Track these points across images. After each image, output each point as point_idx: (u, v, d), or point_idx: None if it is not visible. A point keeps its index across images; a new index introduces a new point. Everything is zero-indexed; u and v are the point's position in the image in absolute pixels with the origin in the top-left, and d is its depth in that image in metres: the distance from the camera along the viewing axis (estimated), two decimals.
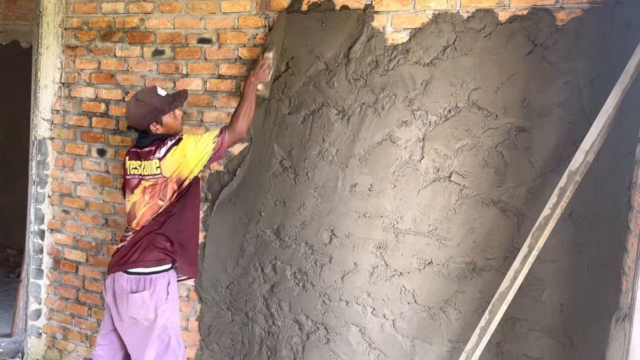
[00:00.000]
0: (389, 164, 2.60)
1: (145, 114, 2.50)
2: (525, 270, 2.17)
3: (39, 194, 3.44)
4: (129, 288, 2.45)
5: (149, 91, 2.56)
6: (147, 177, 2.51)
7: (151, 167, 2.49)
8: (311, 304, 2.78)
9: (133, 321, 2.46)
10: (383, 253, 2.63)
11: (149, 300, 2.43)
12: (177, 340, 2.52)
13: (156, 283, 2.45)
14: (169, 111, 2.55)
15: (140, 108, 2.51)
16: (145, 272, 2.46)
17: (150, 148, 2.51)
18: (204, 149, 2.48)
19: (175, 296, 2.52)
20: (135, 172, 2.56)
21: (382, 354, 2.64)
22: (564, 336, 2.30)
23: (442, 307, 2.52)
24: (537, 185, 2.32)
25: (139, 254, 2.47)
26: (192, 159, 2.47)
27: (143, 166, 2.52)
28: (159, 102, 2.52)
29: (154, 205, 2.51)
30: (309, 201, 2.77)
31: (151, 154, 2.49)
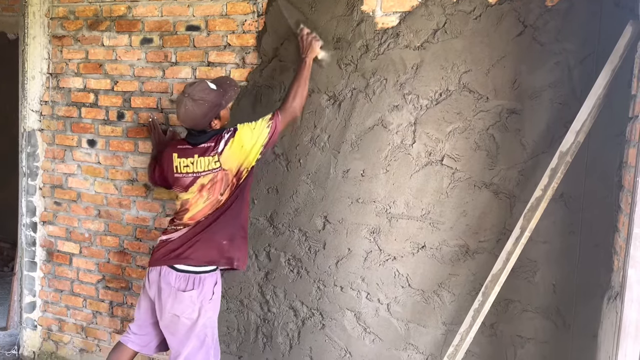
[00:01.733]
0: (381, 149, 2.59)
1: (206, 112, 2.39)
2: (518, 252, 2.18)
3: (30, 186, 3.41)
4: (177, 286, 2.40)
5: (203, 88, 2.40)
6: (203, 174, 2.43)
7: (209, 163, 2.42)
8: (306, 290, 2.79)
9: (175, 319, 2.42)
10: (376, 238, 2.64)
11: (196, 299, 2.40)
12: (213, 338, 2.51)
13: (204, 283, 2.42)
14: (225, 105, 2.47)
15: (200, 107, 2.37)
16: (195, 271, 2.42)
17: (209, 144, 2.43)
18: (259, 136, 2.41)
19: (219, 296, 2.50)
20: (187, 170, 2.46)
21: (377, 337, 2.65)
22: (557, 316, 2.32)
23: (435, 291, 2.53)
24: (529, 167, 2.33)
25: (193, 250, 2.43)
26: (250, 148, 2.41)
27: (198, 163, 2.44)
28: (215, 97, 2.40)
29: (214, 200, 2.45)
30: (302, 188, 2.77)
31: (210, 150, 2.42)
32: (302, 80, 2.50)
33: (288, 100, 2.47)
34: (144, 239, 3.14)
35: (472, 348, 2.38)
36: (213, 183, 2.44)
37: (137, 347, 2.61)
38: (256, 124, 2.43)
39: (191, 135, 2.49)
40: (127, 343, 2.61)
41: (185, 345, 2.44)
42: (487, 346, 2.44)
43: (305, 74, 2.51)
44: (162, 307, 2.45)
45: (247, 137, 2.41)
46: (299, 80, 2.50)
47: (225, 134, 2.43)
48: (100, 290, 3.30)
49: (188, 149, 2.48)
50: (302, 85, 2.49)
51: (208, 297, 2.43)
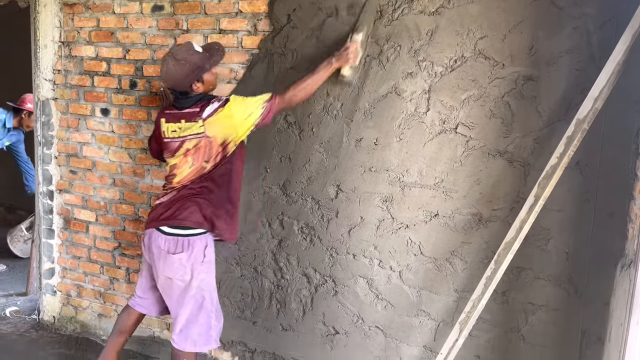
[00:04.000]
0: (395, 117, 2.57)
1: (187, 73, 2.39)
2: (532, 220, 2.17)
3: (46, 155, 3.45)
4: (166, 249, 2.43)
5: (186, 49, 2.42)
6: (189, 138, 2.44)
7: (194, 128, 2.42)
8: (319, 258, 2.82)
9: (169, 281, 2.47)
10: (389, 206, 2.64)
11: (186, 262, 2.42)
12: (211, 301, 2.53)
13: (194, 245, 2.43)
14: (209, 68, 2.46)
15: (181, 67, 2.38)
16: (183, 234, 2.44)
17: (194, 109, 2.43)
18: (252, 113, 2.40)
19: (211, 259, 2.52)
20: (174, 134, 2.48)
21: (389, 304, 2.69)
22: (569, 284, 2.33)
23: (448, 258, 2.55)
24: (544, 134, 2.30)
25: (179, 212, 2.44)
26: (239, 122, 2.41)
27: (184, 128, 2.45)
28: (199, 59, 2.41)
29: (199, 167, 2.47)
30: (315, 157, 2.77)
31: (195, 115, 2.42)
32: (316, 78, 2.46)
33: (292, 90, 2.45)
34: None
35: (484, 315, 2.41)
36: (197, 149, 2.44)
37: (142, 310, 2.70)
38: (251, 100, 2.42)
39: (177, 99, 2.50)
40: (134, 306, 2.70)
41: (183, 307, 2.48)
42: (499, 313, 2.46)
43: (323, 74, 2.46)
44: (156, 270, 2.51)
45: (238, 110, 2.40)
46: (314, 77, 2.45)
47: (214, 102, 2.43)
48: (116, 257, 3.36)
49: (175, 114, 2.49)
50: (313, 83, 2.46)
51: (199, 259, 2.44)
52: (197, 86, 2.45)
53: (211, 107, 2.41)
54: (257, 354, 3.02)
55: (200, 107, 2.43)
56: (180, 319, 2.50)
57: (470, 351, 2.51)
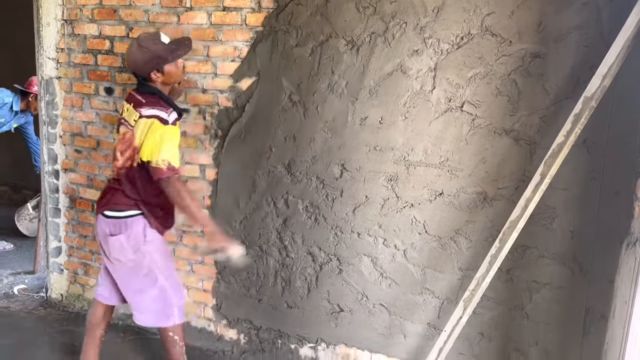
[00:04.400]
0: (400, 96, 2.55)
1: (147, 60, 2.37)
2: (537, 199, 2.17)
3: (51, 134, 3.45)
4: (107, 231, 2.44)
5: (152, 37, 2.42)
6: (126, 124, 2.45)
7: (132, 116, 2.40)
8: (323, 237, 2.83)
9: (118, 262, 2.47)
10: (394, 185, 2.64)
11: (126, 243, 2.41)
12: (166, 279, 2.50)
13: (132, 226, 2.42)
14: (171, 60, 2.42)
15: (142, 54, 2.37)
16: (120, 216, 2.42)
17: (144, 99, 2.40)
18: (153, 153, 2.30)
19: (155, 238, 2.47)
20: (124, 114, 2.49)
21: (393, 282, 2.70)
22: (574, 262, 2.33)
23: (452, 237, 2.55)
24: (551, 112, 2.28)
25: (112, 196, 2.45)
26: (145, 147, 2.32)
27: (130, 111, 2.44)
28: (162, 49, 2.38)
29: (127, 155, 2.43)
30: (319, 135, 2.76)
31: (139, 105, 2.39)
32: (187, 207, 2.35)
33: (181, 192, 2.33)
34: None
35: (488, 293, 2.42)
36: (124, 137, 2.45)
37: (103, 300, 2.64)
38: (166, 145, 2.30)
39: (138, 83, 2.48)
40: (97, 297, 2.66)
41: (135, 286, 2.50)
42: (503, 291, 2.47)
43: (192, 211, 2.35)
44: (105, 253, 2.51)
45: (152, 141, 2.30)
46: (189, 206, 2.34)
47: (160, 109, 2.34)
48: None
49: (132, 95, 2.48)
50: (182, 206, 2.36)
51: (140, 239, 2.42)
52: (156, 75, 2.41)
53: (153, 111, 2.34)
54: (263, 331, 3.06)
55: (147, 101, 2.38)
56: (134, 298, 2.52)
57: (474, 329, 2.53)
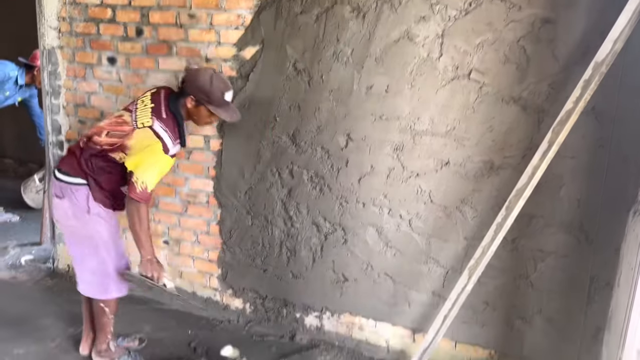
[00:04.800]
0: (407, 63, 2.52)
1: (201, 87, 2.38)
2: (544, 166, 2.15)
3: (54, 105, 3.43)
4: (53, 192, 2.46)
5: (223, 84, 2.45)
6: (133, 116, 2.41)
7: (144, 117, 2.37)
8: (329, 207, 2.83)
9: (60, 224, 2.51)
10: (400, 155, 2.62)
11: (68, 209, 2.40)
12: (108, 252, 2.47)
13: (76, 194, 2.39)
14: (212, 107, 2.42)
15: (205, 81, 2.38)
16: (67, 181, 2.41)
17: (165, 114, 2.39)
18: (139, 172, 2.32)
19: (99, 210, 2.42)
20: (139, 105, 2.45)
21: (398, 252, 2.71)
22: (580, 231, 2.33)
23: (458, 206, 2.55)
24: (560, 79, 2.25)
25: (69, 160, 2.44)
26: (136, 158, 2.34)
27: (146, 111, 2.40)
28: (217, 96, 2.41)
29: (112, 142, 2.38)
30: (324, 105, 2.73)
31: (159, 117, 2.37)
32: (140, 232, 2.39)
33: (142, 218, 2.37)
34: None
35: (493, 262, 2.42)
36: (121, 124, 2.40)
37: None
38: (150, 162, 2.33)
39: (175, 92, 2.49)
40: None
41: (76, 251, 2.51)
42: (508, 260, 2.47)
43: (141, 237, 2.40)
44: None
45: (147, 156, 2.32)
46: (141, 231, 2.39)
47: (170, 135, 2.36)
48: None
49: (159, 98, 2.45)
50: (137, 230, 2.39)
51: (83, 209, 2.39)
52: (191, 103, 2.43)
53: (163, 133, 2.35)
54: (268, 300, 3.08)
55: (166, 118, 2.38)
56: (76, 266, 2.55)
57: (478, 297, 2.54)
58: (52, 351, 2.76)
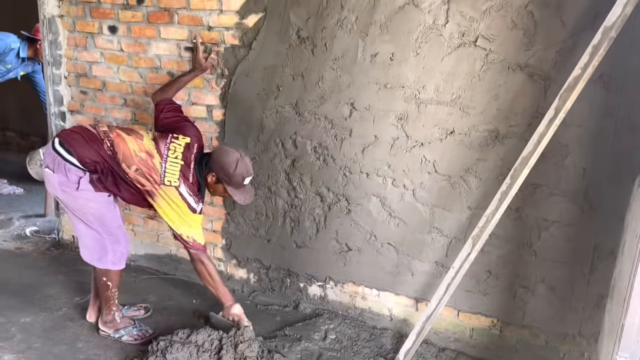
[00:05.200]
0: (412, 30, 2.48)
1: (224, 168, 2.46)
2: (550, 134, 2.13)
3: (55, 75, 3.40)
4: (46, 162, 2.43)
5: (246, 170, 2.50)
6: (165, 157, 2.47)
7: (174, 169, 2.46)
8: (332, 177, 2.82)
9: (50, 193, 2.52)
10: (404, 124, 2.60)
11: (57, 184, 2.39)
12: (102, 226, 2.49)
13: (69, 172, 2.37)
14: (229, 187, 2.51)
15: (230, 163, 2.46)
16: (65, 158, 2.37)
17: (190, 177, 2.49)
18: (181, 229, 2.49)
19: (91, 188, 2.41)
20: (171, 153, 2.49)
21: (401, 222, 2.71)
22: (584, 200, 2.32)
23: (462, 176, 2.53)
24: (568, 46, 2.21)
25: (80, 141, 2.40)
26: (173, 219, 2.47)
27: (177, 162, 2.47)
28: (237, 180, 2.49)
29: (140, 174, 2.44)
30: (328, 74, 2.70)
31: (185, 177, 2.47)
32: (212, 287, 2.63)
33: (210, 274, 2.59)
34: None
35: (497, 231, 2.42)
36: (151, 164, 2.45)
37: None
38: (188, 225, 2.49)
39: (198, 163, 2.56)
40: None
41: (73, 218, 2.52)
42: (511, 229, 2.47)
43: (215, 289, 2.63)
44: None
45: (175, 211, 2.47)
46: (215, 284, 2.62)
47: (195, 198, 2.49)
48: None
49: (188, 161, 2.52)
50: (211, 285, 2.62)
51: (72, 187, 2.38)
52: (211, 179, 2.53)
53: (188, 196, 2.47)
54: (272, 270, 3.10)
55: (192, 182, 2.50)
56: (74, 228, 2.59)
57: (481, 266, 2.55)
58: (59, 319, 2.79)
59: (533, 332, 2.52)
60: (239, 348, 2.40)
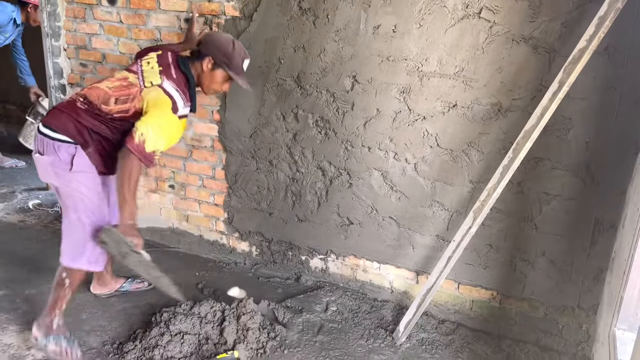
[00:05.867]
0: (415, 2, 2.44)
1: (223, 50, 2.29)
2: (554, 107, 2.12)
3: (54, 47, 3.37)
4: (35, 148, 2.26)
5: (243, 52, 2.35)
6: (139, 75, 2.27)
7: (152, 77, 2.26)
8: (334, 151, 2.82)
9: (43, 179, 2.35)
10: (406, 98, 2.58)
11: (49, 166, 2.21)
12: (89, 219, 2.27)
13: (59, 151, 2.19)
14: (230, 72, 2.33)
15: (227, 46, 2.30)
16: (51, 136, 2.20)
17: (174, 73, 2.29)
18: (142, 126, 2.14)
19: (84, 169, 2.23)
20: (144, 66, 2.31)
21: (403, 195, 2.71)
22: (586, 173, 2.31)
23: (464, 150, 2.53)
24: (574, 18, 2.18)
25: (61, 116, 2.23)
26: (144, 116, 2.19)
27: (153, 71, 2.28)
28: (236, 62, 2.33)
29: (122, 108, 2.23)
30: (330, 46, 2.67)
31: (168, 75, 2.26)
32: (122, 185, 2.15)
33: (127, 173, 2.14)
34: None
35: (498, 205, 2.43)
36: (127, 86, 2.25)
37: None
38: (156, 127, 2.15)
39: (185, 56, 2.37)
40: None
41: (63, 212, 2.34)
42: (513, 203, 2.47)
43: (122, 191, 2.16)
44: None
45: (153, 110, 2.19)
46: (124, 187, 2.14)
47: (182, 94, 2.24)
48: None
49: (166, 57, 2.34)
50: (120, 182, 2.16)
51: (65, 167, 2.19)
52: (207, 66, 2.32)
53: (174, 91, 2.23)
54: (274, 243, 3.12)
55: (177, 78, 2.27)
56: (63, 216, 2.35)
57: (482, 240, 2.56)
58: None
59: (532, 305, 2.55)
60: (241, 319, 2.44)
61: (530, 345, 2.54)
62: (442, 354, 2.48)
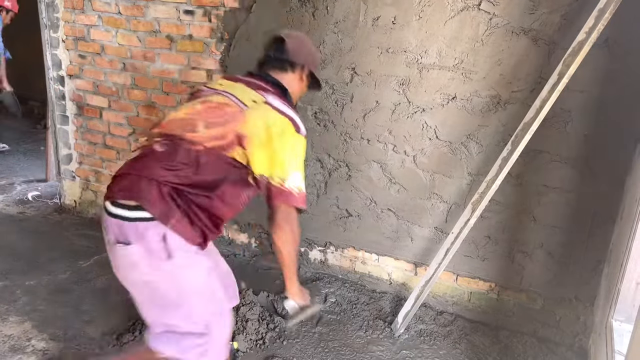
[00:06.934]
0: None
1: (313, 52, 1.94)
2: (553, 99, 2.12)
3: (53, 39, 3.36)
4: (110, 237, 1.60)
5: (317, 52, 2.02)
6: (228, 95, 1.72)
7: (248, 94, 1.72)
8: (333, 143, 2.82)
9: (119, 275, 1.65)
10: (406, 90, 2.58)
11: (141, 258, 1.56)
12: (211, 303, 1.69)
13: (146, 234, 1.54)
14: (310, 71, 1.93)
15: (309, 42, 1.96)
16: (129, 217, 1.56)
17: (270, 87, 1.78)
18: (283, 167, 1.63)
19: (184, 254, 1.58)
20: (219, 87, 1.79)
21: (402, 187, 2.72)
22: (585, 166, 2.32)
23: (463, 142, 2.53)
24: (574, 9, 2.18)
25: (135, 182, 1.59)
26: (267, 153, 1.62)
27: (242, 89, 1.75)
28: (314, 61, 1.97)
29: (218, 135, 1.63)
30: (329, 38, 2.67)
31: (265, 91, 1.74)
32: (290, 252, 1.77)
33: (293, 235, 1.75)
34: (171, 92, 3.14)
35: (497, 197, 2.43)
36: (219, 107, 1.68)
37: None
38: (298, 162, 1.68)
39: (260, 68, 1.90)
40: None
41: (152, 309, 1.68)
42: (511, 195, 2.48)
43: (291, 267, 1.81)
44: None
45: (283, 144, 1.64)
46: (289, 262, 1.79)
47: (293, 110, 1.73)
48: (132, 143, 3.39)
49: (240, 79, 1.84)
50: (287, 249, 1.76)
51: (161, 255, 1.55)
52: (299, 74, 1.89)
53: (286, 108, 1.71)
54: None
55: (275, 92, 1.78)
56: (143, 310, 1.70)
57: (480, 232, 2.57)
58: (63, 282, 2.83)
59: (530, 296, 2.57)
60: (240, 310, 2.45)
61: (528, 337, 2.55)
62: (440, 345, 2.50)
